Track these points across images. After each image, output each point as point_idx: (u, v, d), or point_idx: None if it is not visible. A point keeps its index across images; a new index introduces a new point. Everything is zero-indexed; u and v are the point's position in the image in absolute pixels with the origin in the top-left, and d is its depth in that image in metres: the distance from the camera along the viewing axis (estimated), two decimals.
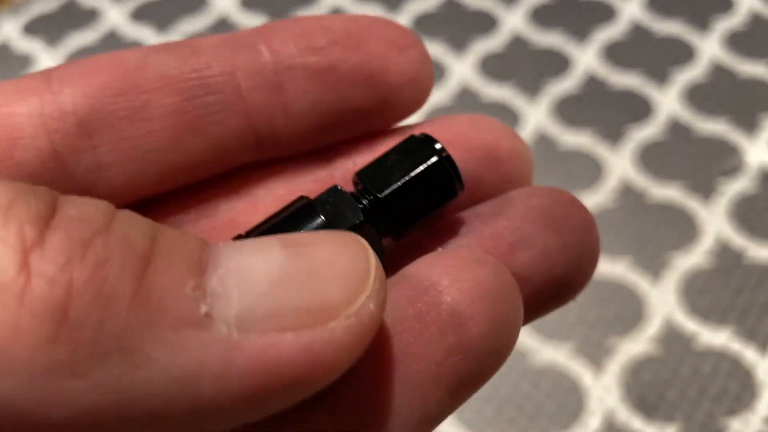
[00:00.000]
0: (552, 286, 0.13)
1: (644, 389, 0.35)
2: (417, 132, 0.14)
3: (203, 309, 0.08)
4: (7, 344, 0.08)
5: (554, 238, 0.13)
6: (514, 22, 0.53)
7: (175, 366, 0.08)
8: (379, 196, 0.13)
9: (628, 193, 0.42)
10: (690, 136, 0.45)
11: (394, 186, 0.13)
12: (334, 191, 0.13)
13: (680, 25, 0.51)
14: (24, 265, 0.08)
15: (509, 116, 0.47)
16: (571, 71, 0.49)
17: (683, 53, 0.50)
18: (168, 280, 0.08)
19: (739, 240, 0.39)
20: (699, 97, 0.47)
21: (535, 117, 0.47)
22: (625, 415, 0.34)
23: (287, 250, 0.09)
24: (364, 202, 0.13)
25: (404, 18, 0.54)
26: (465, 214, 0.14)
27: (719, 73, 0.48)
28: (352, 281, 0.09)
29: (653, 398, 0.34)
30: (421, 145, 0.14)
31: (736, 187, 0.42)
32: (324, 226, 0.12)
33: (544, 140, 0.45)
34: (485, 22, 0.53)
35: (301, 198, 0.13)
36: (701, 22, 0.51)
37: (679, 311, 0.37)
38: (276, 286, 0.09)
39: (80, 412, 0.08)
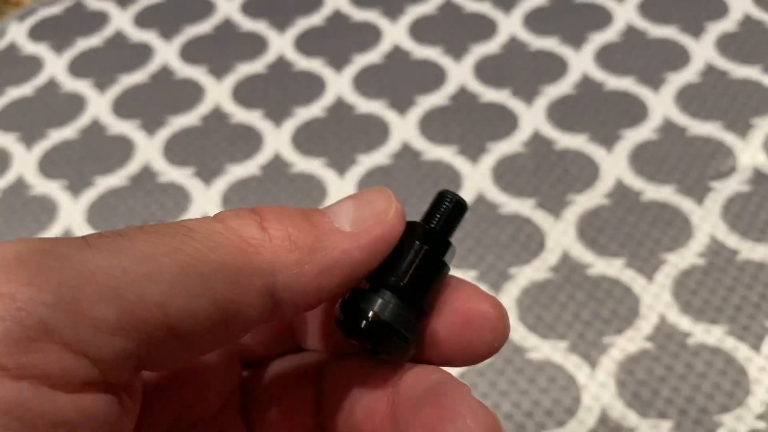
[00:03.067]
0: None
1: (639, 386, 0.35)
2: None
3: (335, 224, 0.16)
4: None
5: None
6: (511, 26, 0.54)
7: (339, 247, 0.16)
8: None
9: (623, 194, 0.43)
10: (684, 137, 0.46)
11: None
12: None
13: (674, 28, 0.52)
14: None
15: (506, 118, 0.47)
16: (567, 74, 0.50)
17: (677, 56, 0.50)
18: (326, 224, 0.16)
19: (732, 239, 0.40)
20: (693, 99, 0.48)
21: (532, 119, 0.47)
22: (619, 411, 0.34)
23: (353, 200, 0.17)
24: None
25: (403, 21, 0.55)
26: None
27: (712, 75, 0.49)
28: (386, 201, 0.17)
29: (647, 395, 0.35)
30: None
31: (729, 187, 0.43)
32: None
33: (540, 142, 0.46)
34: (483, 26, 0.54)
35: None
36: (695, 25, 0.52)
37: (673, 309, 0.38)
38: (356, 210, 0.16)
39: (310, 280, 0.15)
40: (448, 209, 0.18)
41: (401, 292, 0.17)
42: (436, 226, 0.18)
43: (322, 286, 0.15)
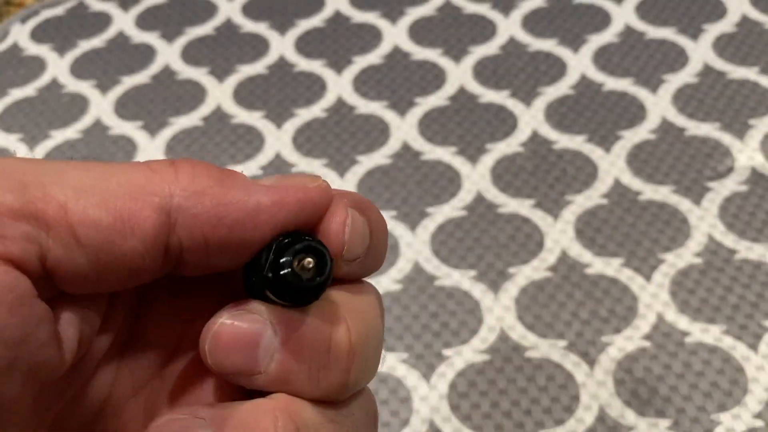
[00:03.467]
0: None
1: (637, 384, 0.35)
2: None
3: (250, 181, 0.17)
4: None
5: None
6: (510, 27, 0.54)
7: (244, 191, 0.16)
8: None
9: (621, 194, 0.43)
10: (682, 137, 0.46)
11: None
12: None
13: (672, 29, 0.52)
14: None
15: (505, 118, 0.48)
16: (566, 75, 0.50)
17: (675, 57, 0.51)
18: None
19: (729, 239, 0.40)
20: (691, 100, 0.48)
21: (531, 120, 0.48)
22: (617, 409, 0.35)
23: (277, 176, 0.17)
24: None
25: (403, 22, 0.55)
26: None
27: (710, 76, 0.49)
28: (312, 178, 0.17)
29: (646, 393, 0.35)
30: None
31: (727, 187, 0.43)
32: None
33: (539, 142, 0.46)
34: (482, 28, 0.54)
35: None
36: (693, 26, 0.52)
37: (671, 308, 0.38)
38: (278, 179, 0.17)
39: None
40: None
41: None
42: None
43: (219, 218, 0.16)
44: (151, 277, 0.16)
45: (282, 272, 0.15)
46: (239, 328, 0.16)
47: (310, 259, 0.15)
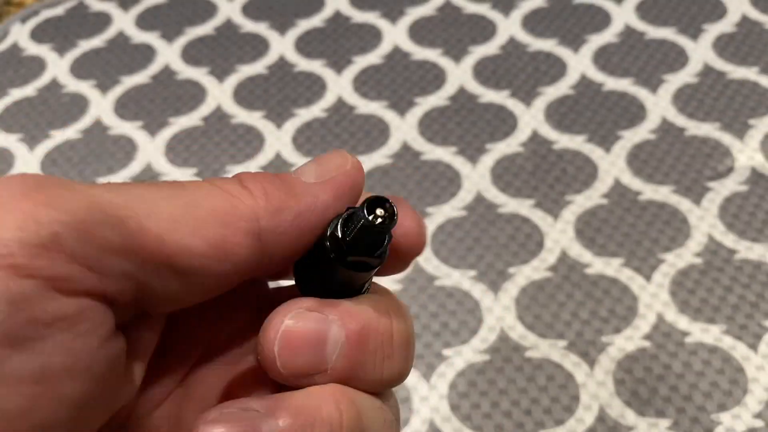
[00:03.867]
0: None
1: (637, 384, 0.35)
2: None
3: (302, 179, 0.18)
4: None
5: None
6: (510, 27, 0.54)
7: (309, 194, 0.18)
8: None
9: (621, 194, 0.43)
10: (682, 137, 0.46)
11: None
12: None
13: (672, 29, 0.52)
14: None
15: (505, 118, 0.48)
16: (566, 75, 0.50)
17: (675, 57, 0.51)
18: None
19: (729, 239, 0.40)
20: (691, 100, 0.48)
21: (531, 120, 0.48)
22: (618, 409, 0.35)
23: (314, 161, 0.19)
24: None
25: (403, 22, 0.55)
26: None
27: (710, 76, 0.49)
28: (343, 157, 0.18)
29: (646, 393, 0.35)
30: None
31: (727, 187, 0.43)
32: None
33: (539, 142, 0.46)
34: (482, 28, 0.54)
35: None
36: (693, 26, 0.52)
37: (671, 308, 0.38)
38: (319, 166, 0.18)
39: None
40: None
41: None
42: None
43: (300, 228, 0.17)
44: (230, 288, 0.18)
45: (364, 224, 0.17)
46: (306, 327, 0.17)
47: (381, 210, 0.17)
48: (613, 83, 0.49)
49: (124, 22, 0.57)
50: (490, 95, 0.49)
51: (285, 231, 0.17)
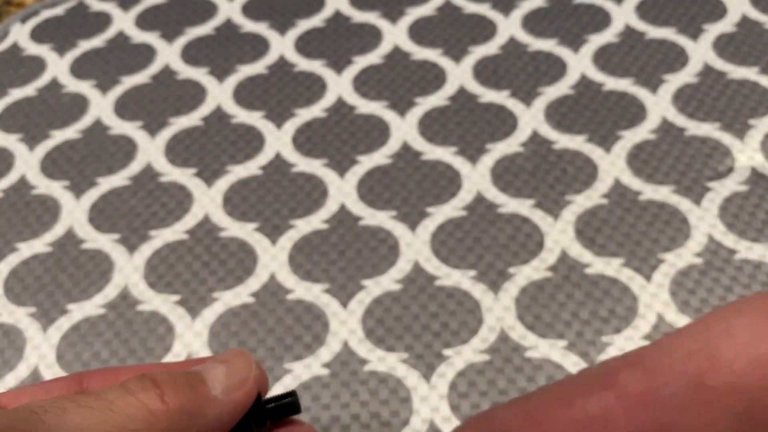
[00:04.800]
0: None
1: None
2: None
3: (212, 393, 0.23)
4: None
5: None
6: (510, 27, 0.54)
7: (214, 412, 0.23)
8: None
9: (621, 194, 0.43)
10: (682, 137, 0.46)
11: None
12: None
13: (673, 29, 0.52)
14: None
15: (505, 118, 0.48)
16: (566, 75, 0.50)
17: (676, 57, 0.51)
18: None
19: (729, 239, 0.40)
20: (691, 100, 0.48)
21: (531, 120, 0.48)
22: None
23: (224, 366, 0.24)
24: None
25: (403, 22, 0.55)
26: None
27: (711, 76, 0.49)
28: (248, 369, 0.24)
29: None
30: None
31: (727, 187, 0.43)
32: None
33: (539, 142, 0.46)
34: (482, 28, 0.54)
35: None
36: (693, 26, 0.52)
37: (671, 308, 0.38)
38: (227, 378, 0.23)
39: None
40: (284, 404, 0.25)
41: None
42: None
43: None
44: None
45: (288, 400, 0.24)
46: None
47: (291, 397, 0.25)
48: (613, 83, 0.49)
49: (124, 22, 0.57)
50: (490, 95, 0.49)
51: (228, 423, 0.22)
